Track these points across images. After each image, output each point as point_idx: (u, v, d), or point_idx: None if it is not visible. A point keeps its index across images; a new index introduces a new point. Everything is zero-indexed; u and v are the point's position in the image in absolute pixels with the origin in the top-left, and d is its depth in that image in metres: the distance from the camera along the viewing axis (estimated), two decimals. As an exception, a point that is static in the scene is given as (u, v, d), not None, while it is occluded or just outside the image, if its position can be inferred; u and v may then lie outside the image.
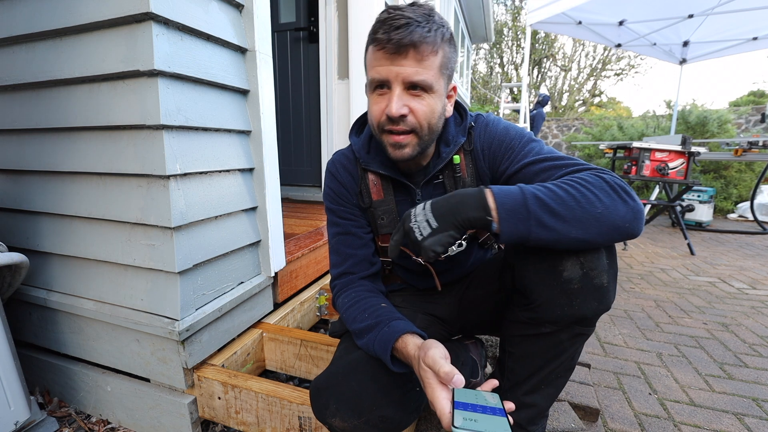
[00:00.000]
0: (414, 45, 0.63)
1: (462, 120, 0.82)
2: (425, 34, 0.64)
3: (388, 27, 0.63)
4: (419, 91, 0.67)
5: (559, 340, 0.70)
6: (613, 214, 0.58)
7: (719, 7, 3.72)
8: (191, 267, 0.95)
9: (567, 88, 14.04)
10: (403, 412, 0.69)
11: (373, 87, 0.70)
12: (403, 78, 0.66)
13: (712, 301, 2.07)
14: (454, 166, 0.80)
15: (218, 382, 0.96)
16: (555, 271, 0.65)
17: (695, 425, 1.11)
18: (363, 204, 0.86)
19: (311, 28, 2.43)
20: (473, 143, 0.81)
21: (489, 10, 6.48)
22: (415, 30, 0.63)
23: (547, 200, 0.58)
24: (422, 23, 0.64)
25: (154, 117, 0.84)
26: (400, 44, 0.63)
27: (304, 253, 1.44)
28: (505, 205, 0.58)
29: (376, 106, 0.70)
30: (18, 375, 0.92)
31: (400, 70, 0.65)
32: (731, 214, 4.81)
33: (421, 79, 0.66)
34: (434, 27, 0.65)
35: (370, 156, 0.82)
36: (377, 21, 0.66)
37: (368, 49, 0.70)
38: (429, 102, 0.69)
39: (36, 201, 1.07)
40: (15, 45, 0.97)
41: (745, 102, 8.20)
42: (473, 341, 1.16)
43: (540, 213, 0.57)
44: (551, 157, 0.70)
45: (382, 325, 0.71)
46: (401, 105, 0.67)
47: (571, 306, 0.65)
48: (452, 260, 0.90)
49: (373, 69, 0.68)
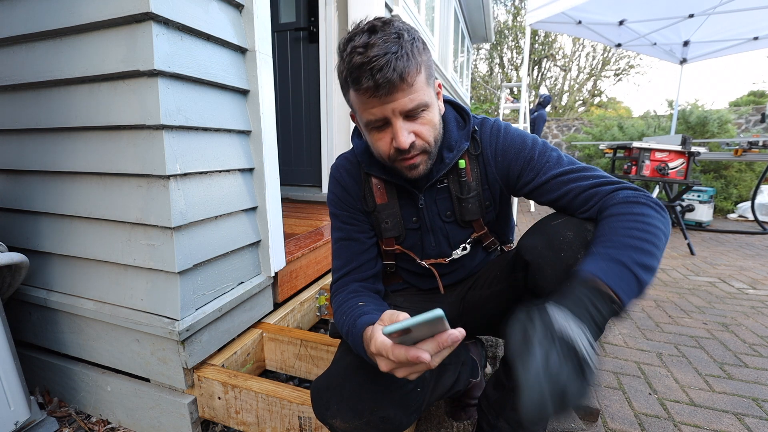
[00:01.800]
0: (402, 78, 0.61)
1: (465, 123, 0.81)
2: (406, 62, 0.61)
3: (369, 72, 0.60)
4: (417, 112, 0.67)
5: None
6: (667, 237, 0.63)
7: (720, 6, 3.72)
8: (191, 267, 0.95)
9: (567, 88, 14.04)
10: (403, 413, 0.69)
11: (370, 126, 0.69)
12: (401, 110, 0.65)
13: (712, 301, 2.07)
14: (459, 171, 0.80)
15: (218, 382, 0.96)
16: (570, 272, 0.65)
17: (695, 425, 1.11)
18: (367, 208, 0.85)
19: (311, 28, 2.43)
20: (480, 148, 0.80)
21: (489, 10, 6.48)
22: (397, 63, 0.60)
23: (644, 260, 0.58)
24: (397, 51, 0.61)
25: (154, 117, 0.84)
26: (389, 84, 0.61)
27: (304, 253, 1.44)
28: (623, 288, 0.57)
29: (381, 142, 0.70)
30: (18, 375, 0.92)
31: (395, 105, 0.64)
32: (731, 214, 4.81)
33: (417, 104, 0.65)
34: (407, 46, 0.62)
35: (373, 160, 0.82)
36: (351, 65, 0.62)
37: (348, 90, 0.67)
38: (428, 119, 0.69)
39: (36, 201, 1.07)
40: (15, 45, 0.97)
41: (746, 102, 8.21)
42: (473, 341, 1.16)
43: (644, 275, 0.58)
44: (575, 168, 0.72)
45: (354, 325, 0.69)
46: (407, 134, 0.66)
47: None
48: (456, 263, 0.90)
49: (366, 111, 0.66)
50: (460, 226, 0.85)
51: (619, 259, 0.57)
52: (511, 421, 0.78)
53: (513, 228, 0.99)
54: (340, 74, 0.67)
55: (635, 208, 0.63)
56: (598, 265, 0.58)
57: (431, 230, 0.85)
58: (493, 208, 0.85)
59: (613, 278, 0.56)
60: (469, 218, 0.83)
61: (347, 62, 0.63)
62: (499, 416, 0.80)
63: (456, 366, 0.91)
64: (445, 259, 0.89)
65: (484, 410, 0.85)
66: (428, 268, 0.90)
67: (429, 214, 0.84)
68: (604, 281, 0.56)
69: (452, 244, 0.87)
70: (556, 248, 0.68)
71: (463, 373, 0.93)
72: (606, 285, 0.55)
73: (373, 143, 0.71)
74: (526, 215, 4.76)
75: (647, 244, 0.59)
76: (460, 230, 0.86)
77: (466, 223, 0.85)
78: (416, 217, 0.84)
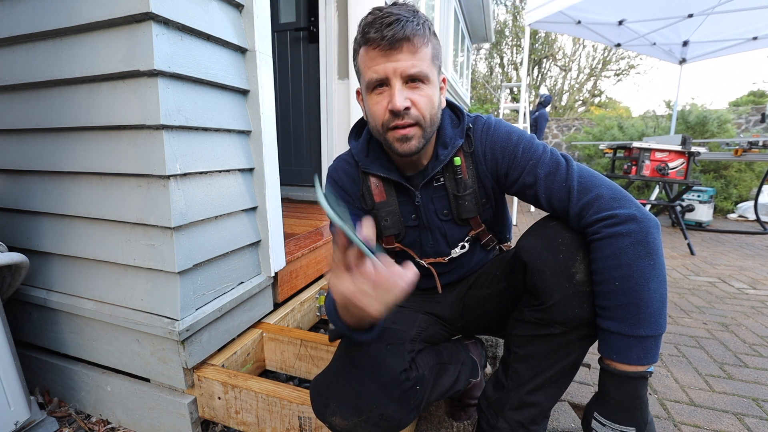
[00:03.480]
0: (407, 38, 0.65)
1: (459, 121, 0.82)
2: (416, 27, 0.65)
3: (379, 25, 0.65)
4: (417, 83, 0.68)
5: (568, 341, 0.71)
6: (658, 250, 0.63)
7: (719, 6, 3.72)
8: (191, 267, 0.95)
9: (567, 88, 14.05)
10: (402, 410, 0.69)
11: (372, 87, 0.70)
12: (401, 72, 0.67)
13: (712, 301, 2.07)
14: (455, 168, 0.80)
15: (218, 382, 0.96)
16: (569, 273, 0.66)
17: (695, 425, 1.11)
18: (366, 207, 0.86)
19: (311, 28, 2.43)
20: (473, 145, 0.80)
21: (489, 10, 6.48)
22: (406, 24, 0.64)
23: (655, 317, 0.61)
24: (410, 18, 0.66)
25: (154, 117, 0.84)
26: (394, 39, 0.64)
27: (304, 253, 1.44)
28: (651, 357, 0.61)
29: (378, 105, 0.70)
30: (18, 375, 0.92)
31: (397, 65, 0.66)
32: (731, 214, 4.81)
33: (418, 71, 0.67)
34: (421, 21, 0.67)
35: (369, 159, 0.83)
36: (365, 23, 0.67)
37: (359, 51, 0.71)
38: (427, 92, 0.70)
39: (36, 201, 1.07)
40: (15, 45, 0.97)
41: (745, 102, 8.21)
42: (473, 341, 1.16)
43: (662, 325, 0.61)
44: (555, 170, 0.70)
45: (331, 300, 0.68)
46: (404, 98, 0.67)
47: (582, 308, 0.66)
48: (455, 261, 0.90)
49: (370, 69, 0.69)
50: (458, 224, 0.86)
51: (638, 334, 0.60)
52: (510, 421, 0.78)
53: (510, 226, 0.99)
54: (355, 41, 0.71)
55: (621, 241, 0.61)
56: (620, 349, 0.62)
57: (429, 228, 0.86)
58: (489, 205, 0.85)
59: (639, 356, 0.60)
60: (466, 216, 0.83)
61: (362, 23, 0.68)
62: (498, 416, 0.80)
63: (456, 366, 0.91)
64: (444, 258, 0.89)
65: (484, 410, 0.85)
66: (427, 267, 0.90)
67: (426, 212, 0.84)
68: (633, 364, 0.61)
69: (450, 243, 0.88)
70: (554, 250, 0.68)
71: (462, 372, 0.93)
72: (636, 366, 0.61)
73: (370, 108, 0.72)
74: (526, 215, 4.76)
75: (648, 294, 0.60)
76: (458, 228, 0.86)
77: (464, 221, 0.85)
78: (415, 215, 0.85)
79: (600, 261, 0.63)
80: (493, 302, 0.89)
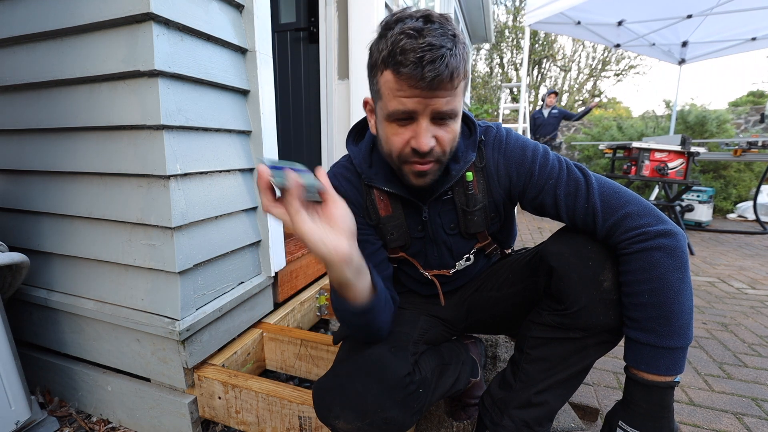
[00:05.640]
0: (450, 77, 0.57)
1: (471, 133, 0.77)
2: (457, 64, 0.57)
3: (418, 59, 0.56)
4: (446, 119, 0.63)
5: (584, 346, 0.71)
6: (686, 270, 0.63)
7: (718, 7, 3.73)
8: (191, 267, 0.95)
9: (567, 89, 14.05)
10: (406, 414, 0.68)
11: (394, 117, 0.64)
12: (433, 109, 0.61)
13: (712, 301, 2.08)
14: (467, 183, 0.77)
15: (218, 381, 0.96)
16: (597, 280, 0.67)
17: (695, 425, 1.12)
18: (370, 221, 0.82)
19: (311, 29, 2.43)
20: (485, 159, 0.77)
21: (489, 10, 6.48)
22: (450, 61, 0.56)
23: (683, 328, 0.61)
24: (452, 49, 0.57)
25: (155, 117, 0.84)
26: (436, 80, 0.56)
27: (304, 253, 1.44)
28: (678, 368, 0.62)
29: (397, 137, 0.65)
30: (19, 375, 0.92)
31: (432, 103, 0.60)
32: (731, 214, 4.82)
33: (451, 109, 0.61)
34: (461, 48, 0.58)
35: (372, 171, 0.78)
36: (400, 46, 0.57)
37: (381, 70, 0.61)
38: (453, 128, 0.65)
39: (37, 201, 1.07)
40: (16, 45, 0.97)
41: (744, 102, 8.22)
42: (473, 341, 1.17)
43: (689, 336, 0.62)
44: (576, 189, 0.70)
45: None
46: (430, 137, 0.63)
47: (607, 315, 0.67)
48: (458, 273, 0.90)
49: (395, 99, 0.61)
50: (464, 238, 0.84)
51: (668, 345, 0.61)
52: (516, 419, 0.79)
53: (515, 236, 0.99)
54: (375, 51, 0.62)
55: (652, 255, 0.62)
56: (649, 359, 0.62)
57: (434, 242, 0.84)
58: (498, 219, 0.83)
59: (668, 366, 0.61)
60: (474, 231, 0.81)
61: (393, 41, 0.58)
62: (503, 414, 0.81)
63: (456, 366, 0.91)
64: (448, 271, 0.88)
65: (487, 407, 0.85)
66: (430, 278, 0.90)
67: (432, 226, 0.82)
68: (662, 374, 0.61)
69: (455, 256, 0.86)
70: (583, 257, 0.68)
71: (463, 372, 0.93)
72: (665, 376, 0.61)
73: (388, 136, 0.67)
74: (524, 215, 4.77)
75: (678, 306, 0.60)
76: (464, 242, 0.84)
77: (471, 235, 0.83)
78: (421, 226, 0.83)
79: (630, 274, 0.63)
80: (503, 304, 0.88)
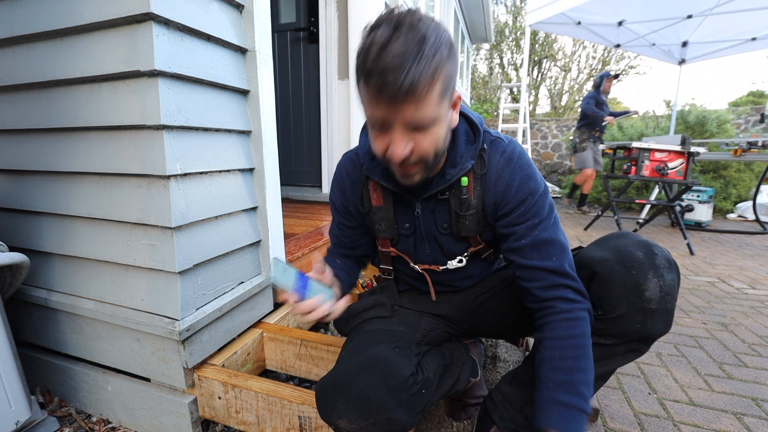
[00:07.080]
0: (411, 88, 0.56)
1: (475, 139, 0.76)
2: (420, 72, 0.55)
3: (381, 72, 0.55)
4: (421, 128, 0.63)
5: (613, 353, 0.73)
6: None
7: (718, 7, 3.73)
8: (191, 267, 0.95)
9: (567, 89, 14.05)
10: (409, 414, 0.69)
11: (371, 124, 0.65)
12: (402, 119, 0.60)
13: (712, 300, 2.08)
14: (462, 188, 0.77)
15: (218, 381, 0.96)
16: (639, 289, 0.69)
17: (695, 425, 1.12)
18: (362, 209, 0.86)
19: (311, 28, 2.43)
20: (487, 168, 0.76)
21: (489, 10, 6.49)
22: (409, 71, 0.54)
23: (583, 389, 0.66)
24: (416, 55, 0.55)
25: (155, 117, 0.84)
26: (395, 91, 0.56)
27: (304, 253, 1.44)
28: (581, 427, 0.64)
29: (378, 142, 0.66)
30: (19, 374, 0.92)
31: (397, 115, 0.60)
32: (731, 214, 4.81)
33: (421, 116, 0.60)
34: (430, 54, 0.56)
35: (373, 164, 0.79)
36: (365, 50, 0.57)
37: (359, 80, 0.61)
38: (432, 133, 0.63)
39: (37, 201, 1.07)
40: (16, 45, 0.97)
41: (744, 102, 8.22)
42: (473, 341, 1.17)
43: (588, 398, 0.66)
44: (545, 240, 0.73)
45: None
46: (403, 147, 0.62)
47: (644, 324, 0.69)
48: (450, 273, 0.90)
49: (368, 107, 0.62)
50: (457, 240, 0.83)
51: (570, 403, 0.64)
52: (529, 415, 0.79)
53: None
54: (357, 57, 0.61)
55: (574, 329, 0.69)
56: (552, 417, 0.65)
57: (426, 238, 0.84)
58: (490, 228, 0.82)
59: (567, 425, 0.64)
60: (466, 234, 0.81)
61: (363, 52, 0.58)
62: (515, 411, 0.82)
63: (457, 366, 0.92)
64: (438, 267, 0.88)
65: (497, 404, 0.85)
66: (420, 272, 0.90)
67: (425, 222, 0.82)
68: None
69: (447, 254, 0.86)
70: (628, 266, 0.71)
71: (463, 372, 0.94)
72: None
73: (372, 140, 0.68)
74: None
75: (582, 373, 0.66)
76: (457, 243, 0.84)
77: (463, 238, 0.83)
78: (409, 224, 0.83)
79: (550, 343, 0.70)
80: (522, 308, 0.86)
